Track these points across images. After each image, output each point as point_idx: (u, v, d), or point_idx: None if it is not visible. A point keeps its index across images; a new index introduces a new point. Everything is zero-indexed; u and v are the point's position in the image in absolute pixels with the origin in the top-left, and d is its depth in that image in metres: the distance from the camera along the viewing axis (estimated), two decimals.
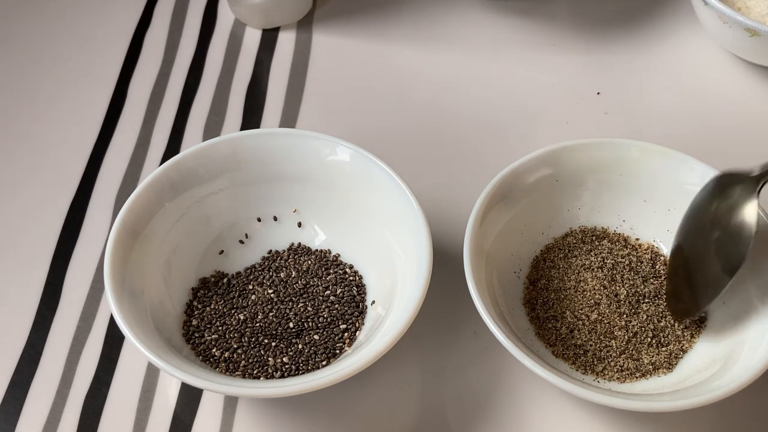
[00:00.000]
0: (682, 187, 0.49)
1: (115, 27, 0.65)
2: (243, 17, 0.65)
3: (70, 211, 0.54)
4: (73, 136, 0.58)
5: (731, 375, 0.42)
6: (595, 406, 0.46)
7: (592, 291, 0.48)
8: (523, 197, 0.49)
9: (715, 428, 0.45)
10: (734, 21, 0.57)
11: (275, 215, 0.51)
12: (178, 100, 0.61)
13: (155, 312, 0.45)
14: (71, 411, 0.46)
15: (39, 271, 0.51)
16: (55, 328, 0.49)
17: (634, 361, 0.46)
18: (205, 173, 0.49)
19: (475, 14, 0.66)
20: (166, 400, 0.46)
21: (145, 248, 0.46)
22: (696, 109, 0.60)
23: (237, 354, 0.46)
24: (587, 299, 0.48)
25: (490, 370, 0.47)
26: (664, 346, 0.46)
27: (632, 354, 0.46)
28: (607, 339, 0.47)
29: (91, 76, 0.62)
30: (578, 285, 0.49)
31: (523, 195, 0.49)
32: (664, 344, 0.47)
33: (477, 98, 0.61)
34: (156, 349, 0.41)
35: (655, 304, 0.48)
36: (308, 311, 0.47)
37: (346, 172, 0.49)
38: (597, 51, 0.64)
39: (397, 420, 0.46)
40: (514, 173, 0.48)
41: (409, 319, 0.42)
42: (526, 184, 0.49)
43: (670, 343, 0.47)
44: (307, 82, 0.62)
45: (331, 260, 0.50)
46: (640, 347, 0.46)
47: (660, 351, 0.46)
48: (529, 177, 0.49)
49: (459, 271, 0.44)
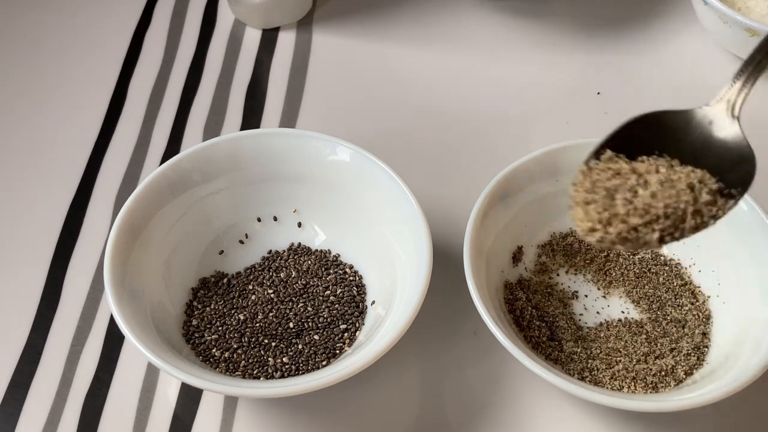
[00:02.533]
0: None
1: (115, 27, 0.65)
2: (243, 17, 0.65)
3: (70, 210, 0.54)
4: (73, 136, 0.58)
5: (732, 375, 0.42)
6: (594, 406, 0.46)
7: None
8: (523, 197, 0.49)
9: (715, 428, 0.45)
10: (734, 21, 0.57)
11: (275, 215, 0.51)
12: (178, 100, 0.61)
13: (155, 312, 0.45)
14: (71, 411, 0.46)
15: (39, 270, 0.51)
16: (55, 328, 0.49)
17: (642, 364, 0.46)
18: (205, 173, 0.49)
19: (475, 14, 0.66)
20: (166, 400, 0.46)
21: (145, 248, 0.46)
22: None
23: (237, 354, 0.46)
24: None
25: (491, 370, 0.47)
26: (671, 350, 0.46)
27: (640, 358, 0.46)
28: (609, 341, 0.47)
29: (91, 76, 0.62)
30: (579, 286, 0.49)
31: (523, 195, 0.49)
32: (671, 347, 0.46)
33: (477, 98, 0.61)
34: (156, 349, 0.41)
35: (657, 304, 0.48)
36: (308, 311, 0.47)
37: (346, 172, 0.49)
38: (597, 51, 0.63)
39: (398, 420, 0.46)
40: (514, 173, 0.48)
41: (409, 319, 0.42)
42: (526, 184, 0.49)
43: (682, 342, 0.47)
44: (307, 82, 0.62)
45: (331, 260, 0.50)
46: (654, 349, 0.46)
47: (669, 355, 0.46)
48: (529, 177, 0.49)
49: (459, 272, 0.44)
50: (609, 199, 0.38)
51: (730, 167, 0.39)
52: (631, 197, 0.37)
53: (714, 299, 0.48)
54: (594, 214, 0.38)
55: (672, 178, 0.38)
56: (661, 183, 0.38)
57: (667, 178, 0.38)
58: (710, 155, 0.39)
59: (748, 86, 0.40)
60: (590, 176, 0.39)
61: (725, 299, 0.47)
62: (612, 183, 0.38)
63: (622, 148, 0.40)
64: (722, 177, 0.38)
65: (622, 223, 0.37)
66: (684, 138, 0.40)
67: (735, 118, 0.40)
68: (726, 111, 0.40)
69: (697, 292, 0.48)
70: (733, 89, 0.40)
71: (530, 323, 0.46)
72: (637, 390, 0.44)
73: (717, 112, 0.40)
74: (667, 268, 0.49)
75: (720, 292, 0.48)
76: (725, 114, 0.40)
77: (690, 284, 0.49)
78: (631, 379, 0.44)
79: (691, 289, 0.48)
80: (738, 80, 0.40)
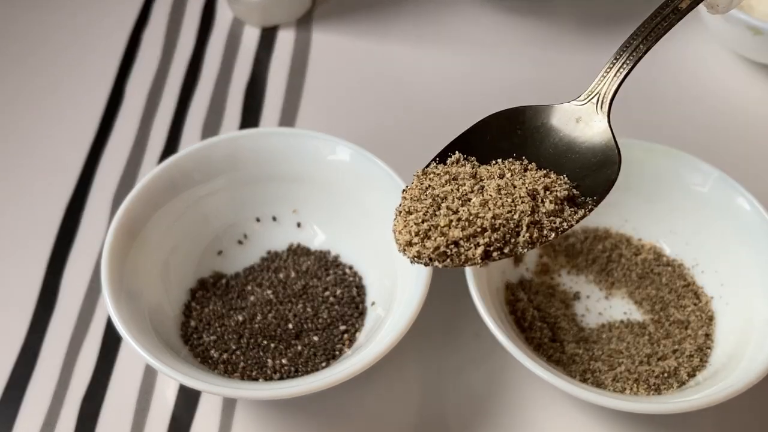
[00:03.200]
0: (686, 187, 0.49)
1: (113, 25, 0.65)
2: (242, 15, 0.65)
3: (67, 211, 0.54)
4: (71, 135, 0.58)
5: (735, 376, 0.42)
6: (596, 407, 0.45)
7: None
8: None
9: (719, 430, 0.45)
10: (737, 20, 0.56)
11: (274, 215, 0.51)
12: (176, 99, 0.60)
13: (153, 313, 0.45)
14: (68, 413, 0.46)
15: (36, 271, 0.51)
16: (52, 330, 0.49)
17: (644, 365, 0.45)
18: (204, 173, 0.49)
19: (475, 13, 0.66)
20: (164, 402, 0.46)
21: (143, 249, 0.46)
22: (699, 108, 0.60)
23: (236, 355, 0.45)
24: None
25: (492, 371, 0.47)
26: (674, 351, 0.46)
27: (642, 360, 0.45)
28: (611, 342, 0.46)
29: (88, 75, 0.62)
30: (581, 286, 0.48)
31: None
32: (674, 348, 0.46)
33: (477, 97, 0.61)
34: (154, 351, 0.41)
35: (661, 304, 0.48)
36: (307, 312, 0.47)
37: (345, 171, 0.49)
38: (598, 50, 0.63)
39: (398, 422, 0.45)
40: None
41: (409, 320, 0.42)
42: None
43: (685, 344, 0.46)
44: (306, 81, 0.61)
45: (331, 261, 0.50)
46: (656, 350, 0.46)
47: (670, 356, 0.46)
48: None
49: (460, 272, 0.44)
50: (434, 207, 0.33)
51: (592, 171, 0.35)
52: (457, 206, 0.33)
53: (717, 300, 0.47)
54: (413, 227, 0.33)
55: (514, 183, 0.34)
56: (498, 190, 0.33)
57: (507, 184, 0.34)
58: (573, 158, 0.35)
59: (621, 75, 0.35)
60: (423, 182, 0.35)
61: (728, 300, 0.47)
62: (442, 190, 0.34)
63: (476, 150, 0.36)
64: (582, 182, 0.34)
65: (441, 236, 0.33)
66: (546, 139, 0.36)
67: (605, 114, 0.36)
68: (596, 106, 0.36)
69: (700, 292, 0.48)
70: (605, 80, 0.36)
71: (532, 324, 0.46)
72: (639, 392, 0.44)
73: (586, 108, 0.36)
74: (670, 268, 0.49)
75: (723, 293, 0.47)
76: (594, 109, 0.36)
77: (693, 285, 0.48)
78: (634, 380, 0.44)
79: (694, 290, 0.48)
80: (610, 69, 0.36)
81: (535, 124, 0.36)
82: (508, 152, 0.35)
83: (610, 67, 0.36)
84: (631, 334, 0.47)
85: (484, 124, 0.36)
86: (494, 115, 0.36)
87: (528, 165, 0.35)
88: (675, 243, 0.50)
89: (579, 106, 0.36)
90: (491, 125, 0.36)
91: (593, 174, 0.35)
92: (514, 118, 0.36)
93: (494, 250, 0.33)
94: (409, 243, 0.33)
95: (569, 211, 0.34)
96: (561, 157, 0.35)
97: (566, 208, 0.34)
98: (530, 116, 0.36)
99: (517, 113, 0.36)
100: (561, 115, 0.36)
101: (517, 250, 0.33)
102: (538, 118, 0.36)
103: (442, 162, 0.36)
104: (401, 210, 0.34)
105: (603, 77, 0.36)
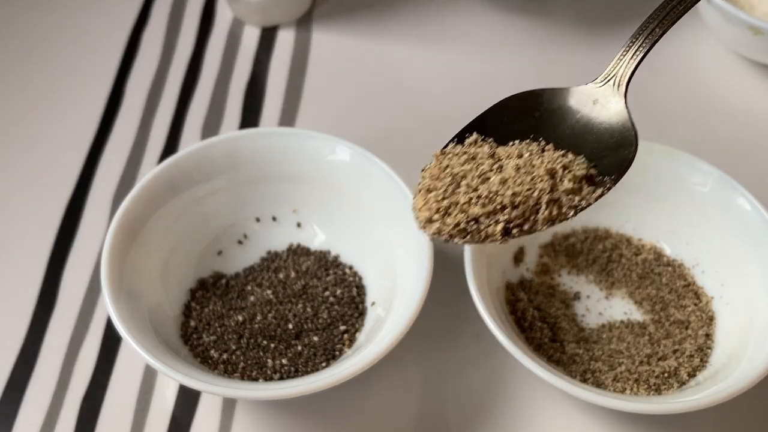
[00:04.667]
0: (686, 187, 0.49)
1: (112, 25, 0.65)
2: (242, 15, 0.65)
3: (67, 211, 0.54)
4: (70, 135, 0.58)
5: (735, 376, 0.42)
6: (597, 407, 0.45)
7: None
8: None
9: (717, 429, 0.45)
10: (738, 19, 0.56)
11: (274, 215, 0.51)
12: (176, 99, 0.60)
13: (153, 313, 0.45)
14: (68, 413, 0.46)
15: (35, 271, 0.51)
16: (52, 330, 0.49)
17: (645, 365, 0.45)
18: (203, 173, 0.48)
19: (475, 13, 0.66)
20: (163, 402, 0.46)
21: (143, 249, 0.46)
22: (699, 108, 0.60)
23: (235, 355, 0.45)
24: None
25: (492, 372, 0.47)
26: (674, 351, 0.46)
27: (643, 360, 0.45)
28: (612, 343, 0.46)
29: (87, 75, 0.62)
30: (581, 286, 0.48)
31: None
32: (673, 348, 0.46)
33: (477, 97, 0.60)
34: (154, 351, 0.41)
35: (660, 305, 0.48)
36: (307, 312, 0.47)
37: (345, 171, 0.49)
38: (598, 49, 0.63)
39: (398, 423, 0.45)
40: None
41: (409, 320, 0.42)
42: None
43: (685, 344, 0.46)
44: (306, 81, 0.61)
45: (331, 261, 0.50)
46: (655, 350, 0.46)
47: (670, 356, 0.46)
48: None
49: (460, 272, 0.44)
50: (454, 186, 0.34)
51: (610, 151, 0.35)
52: (477, 184, 0.33)
53: (717, 300, 0.47)
54: (433, 204, 0.34)
55: (533, 163, 0.34)
56: (517, 169, 0.34)
57: (525, 164, 0.34)
58: (590, 138, 0.36)
59: (638, 57, 0.36)
60: (443, 162, 0.35)
61: (728, 300, 0.47)
62: (462, 169, 0.34)
63: (494, 131, 0.36)
64: (599, 162, 0.35)
65: (461, 213, 0.33)
66: (563, 120, 0.36)
67: (622, 96, 0.36)
68: (612, 87, 0.36)
69: (701, 293, 0.48)
70: (622, 62, 0.36)
71: (532, 324, 0.46)
72: (639, 392, 0.44)
73: (603, 90, 0.37)
74: (670, 268, 0.49)
75: (723, 293, 0.47)
76: (611, 91, 0.36)
77: (693, 285, 0.48)
78: (634, 380, 0.44)
79: (694, 290, 0.48)
80: (627, 51, 0.36)
81: (552, 106, 0.37)
82: (526, 134, 0.36)
83: (627, 50, 0.36)
84: (632, 334, 0.47)
85: (502, 106, 0.37)
86: (511, 97, 0.37)
87: (545, 146, 0.35)
88: (675, 243, 0.50)
89: (596, 88, 0.37)
90: (508, 107, 0.37)
91: (611, 154, 0.35)
92: (531, 100, 0.37)
93: (514, 227, 0.33)
94: (429, 220, 0.34)
95: (587, 190, 0.34)
96: (578, 138, 0.36)
97: (585, 186, 0.34)
98: (548, 98, 0.37)
99: (535, 95, 0.37)
100: (578, 97, 0.37)
101: (536, 227, 0.33)
102: (556, 100, 0.37)
103: (460, 143, 0.36)
104: (421, 188, 0.35)
105: (620, 59, 0.36)
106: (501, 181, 0.33)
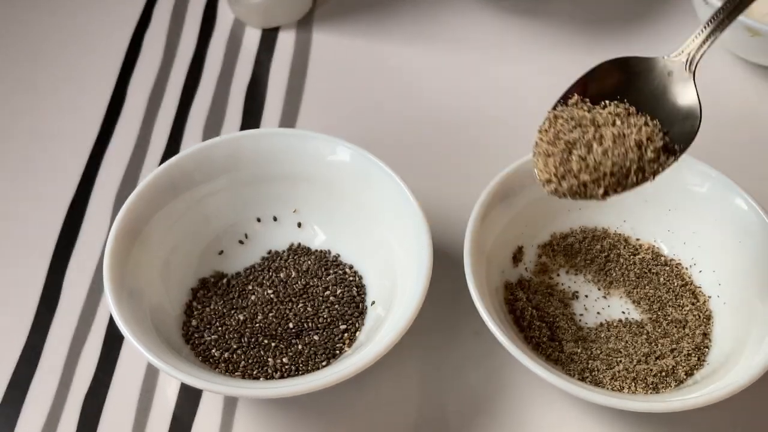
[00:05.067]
0: (684, 187, 0.49)
1: (115, 26, 0.65)
2: (243, 16, 0.65)
3: (70, 211, 0.54)
4: (73, 135, 0.58)
5: (732, 375, 0.42)
6: (595, 406, 0.46)
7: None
8: (523, 197, 0.49)
9: (716, 429, 0.45)
10: (735, 21, 0.56)
11: (275, 215, 0.51)
12: (178, 100, 0.61)
13: (154, 312, 0.45)
14: (70, 412, 0.46)
15: (38, 271, 0.51)
16: (54, 329, 0.49)
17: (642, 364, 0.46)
18: (205, 173, 0.49)
19: (476, 13, 0.66)
20: (165, 400, 0.46)
21: (145, 248, 0.46)
22: None
23: (236, 354, 0.46)
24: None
25: (491, 370, 0.47)
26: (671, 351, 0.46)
27: (640, 359, 0.46)
28: (610, 342, 0.47)
29: (89, 76, 0.62)
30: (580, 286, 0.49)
31: (523, 195, 0.49)
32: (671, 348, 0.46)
33: (477, 98, 0.61)
34: (155, 350, 0.41)
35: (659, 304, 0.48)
36: (308, 312, 0.47)
37: (346, 172, 0.49)
38: (598, 50, 0.63)
39: (398, 421, 0.45)
40: (515, 173, 0.48)
41: (409, 319, 0.42)
42: (526, 185, 0.49)
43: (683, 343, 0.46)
44: (307, 82, 0.61)
45: (331, 260, 0.50)
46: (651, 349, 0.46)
47: (667, 354, 0.46)
48: (530, 177, 0.49)
49: (459, 272, 0.44)
50: (567, 153, 0.40)
51: (679, 121, 0.41)
52: (585, 154, 0.39)
53: (714, 299, 0.48)
54: (552, 168, 0.40)
55: (624, 132, 0.40)
56: (614, 139, 0.40)
57: (620, 133, 0.40)
58: (665, 106, 0.41)
59: (709, 42, 0.41)
60: (555, 125, 0.41)
61: (726, 299, 0.47)
62: (571, 136, 0.40)
63: (589, 91, 0.42)
64: (671, 129, 0.40)
65: (574, 179, 0.39)
66: (644, 85, 0.42)
67: (691, 73, 0.41)
68: (685, 64, 0.41)
69: (698, 292, 0.48)
70: (695, 43, 0.42)
71: (530, 324, 0.46)
72: (637, 391, 0.44)
73: (677, 64, 0.42)
74: (668, 268, 0.49)
75: (720, 292, 0.48)
76: (683, 67, 0.41)
77: (690, 284, 0.49)
78: (632, 379, 0.44)
79: (692, 290, 0.48)
80: (701, 34, 0.41)
81: (636, 70, 0.42)
82: (614, 94, 0.41)
83: (702, 31, 0.41)
84: (630, 334, 0.47)
85: (599, 68, 0.42)
86: (604, 62, 0.43)
87: (629, 109, 0.41)
88: (673, 243, 0.50)
89: (672, 60, 0.42)
90: (602, 69, 0.42)
91: (679, 123, 0.41)
92: (620, 63, 0.42)
93: (611, 189, 0.39)
94: (548, 180, 0.40)
95: (663, 158, 0.40)
96: (657, 102, 0.41)
97: (661, 155, 0.40)
98: (633, 63, 0.42)
99: (624, 60, 0.42)
100: (658, 66, 0.42)
101: (626, 189, 0.40)
102: (640, 65, 0.42)
103: (564, 103, 0.42)
104: (540, 151, 0.41)
105: (695, 39, 0.42)
106: (603, 152, 0.39)
